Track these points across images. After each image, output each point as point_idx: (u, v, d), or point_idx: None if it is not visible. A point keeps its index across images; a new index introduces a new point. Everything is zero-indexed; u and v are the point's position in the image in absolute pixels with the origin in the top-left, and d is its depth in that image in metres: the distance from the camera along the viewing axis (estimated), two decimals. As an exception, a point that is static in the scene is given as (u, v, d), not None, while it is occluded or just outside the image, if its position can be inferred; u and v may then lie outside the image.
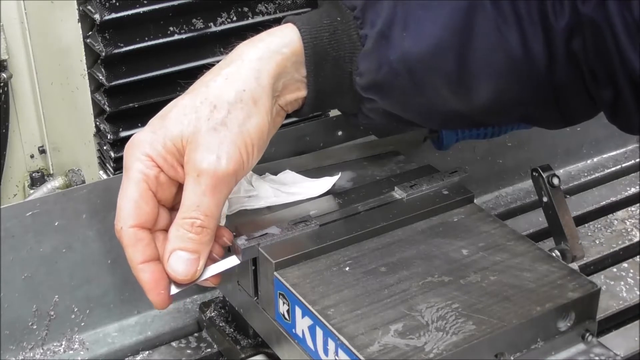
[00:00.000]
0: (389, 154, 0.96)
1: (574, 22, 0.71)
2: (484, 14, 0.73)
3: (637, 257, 1.05)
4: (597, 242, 1.09)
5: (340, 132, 0.99)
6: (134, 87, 0.99)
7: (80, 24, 0.97)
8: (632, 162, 1.28)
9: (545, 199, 0.90)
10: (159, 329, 0.95)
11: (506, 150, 1.18)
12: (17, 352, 0.89)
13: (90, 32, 0.97)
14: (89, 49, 0.98)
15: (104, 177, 1.05)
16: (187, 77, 0.87)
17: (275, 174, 0.90)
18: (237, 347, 0.89)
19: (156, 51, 0.98)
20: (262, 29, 0.79)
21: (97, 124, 1.03)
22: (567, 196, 1.18)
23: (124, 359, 0.93)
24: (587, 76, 0.73)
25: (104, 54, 0.96)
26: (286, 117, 0.82)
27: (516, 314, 0.71)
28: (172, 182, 0.75)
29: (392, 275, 0.76)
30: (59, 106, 1.08)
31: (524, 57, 0.73)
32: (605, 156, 1.29)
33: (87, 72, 1.00)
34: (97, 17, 0.94)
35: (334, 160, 0.95)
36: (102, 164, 1.06)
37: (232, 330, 0.91)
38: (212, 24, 1.00)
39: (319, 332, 0.72)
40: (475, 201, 0.87)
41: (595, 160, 1.28)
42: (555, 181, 0.89)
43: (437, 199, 0.86)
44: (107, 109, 0.99)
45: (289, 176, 0.90)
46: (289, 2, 1.05)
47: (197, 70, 0.81)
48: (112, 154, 1.01)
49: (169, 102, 0.76)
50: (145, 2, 0.96)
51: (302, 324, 0.75)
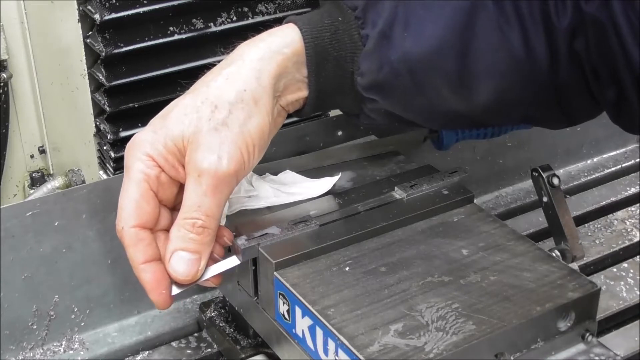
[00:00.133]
0: (389, 154, 0.96)
1: (577, 21, 0.71)
2: (485, 13, 0.73)
3: (637, 257, 1.05)
4: (597, 242, 1.09)
5: (340, 132, 0.99)
6: (134, 87, 0.99)
7: (80, 24, 0.97)
8: (632, 162, 1.28)
9: (545, 199, 0.90)
10: (159, 329, 0.95)
11: (506, 150, 1.18)
12: (17, 352, 0.89)
13: (90, 32, 0.97)
14: (89, 49, 0.98)
15: (104, 177, 1.05)
16: (187, 77, 0.87)
17: (275, 174, 0.90)
18: (237, 347, 0.89)
19: (156, 51, 0.98)
20: (263, 29, 0.79)
21: (97, 124, 1.03)
22: (567, 196, 1.18)
23: (124, 359, 0.93)
24: (590, 76, 0.73)
25: (104, 54, 0.95)
26: (287, 117, 0.82)
27: (516, 314, 0.71)
28: (173, 182, 0.75)
29: (392, 275, 0.76)
30: (59, 106, 1.08)
31: (526, 57, 0.73)
32: (605, 156, 1.29)
33: (87, 72, 1.00)
34: (97, 17, 0.94)
35: (334, 160, 0.95)
36: (102, 164, 1.06)
37: (232, 330, 0.91)
38: (212, 24, 1.00)
39: (319, 332, 0.72)
40: (475, 201, 0.87)
41: (595, 160, 1.28)
42: (555, 181, 0.89)
43: (437, 199, 0.86)
44: (107, 109, 0.99)
45: (289, 176, 0.90)
46: (289, 2, 1.05)
47: (197, 70, 0.81)
48: (112, 154, 1.01)
49: (169, 102, 0.76)
50: (145, 2, 0.96)
51: (302, 324, 0.75)
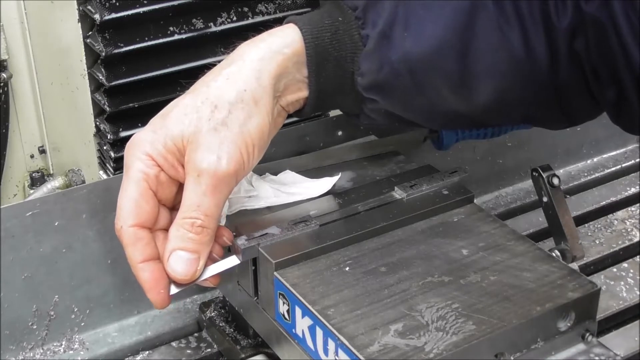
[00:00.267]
0: (389, 154, 0.96)
1: (577, 21, 0.71)
2: (485, 13, 0.73)
3: (637, 257, 1.05)
4: (597, 242, 1.09)
5: (340, 132, 0.99)
6: (134, 87, 0.99)
7: (80, 24, 0.97)
8: (632, 162, 1.28)
9: (545, 199, 0.90)
10: (159, 329, 0.95)
11: (506, 150, 1.18)
12: (17, 352, 0.89)
13: (90, 32, 0.97)
14: (89, 49, 0.98)
15: (104, 177, 1.05)
16: (187, 77, 0.87)
17: (275, 174, 0.90)
18: (237, 347, 0.89)
19: (156, 51, 0.98)
20: (263, 29, 0.79)
21: (97, 124, 1.03)
22: (567, 196, 1.18)
23: (124, 359, 0.93)
24: (590, 76, 0.73)
25: (104, 54, 0.95)
26: (287, 117, 0.82)
27: (516, 314, 0.71)
28: (172, 181, 0.75)
29: (392, 275, 0.76)
30: (59, 106, 1.08)
31: (526, 57, 0.73)
32: (605, 156, 1.29)
33: (87, 72, 1.00)
34: (97, 17, 0.94)
35: (334, 160, 0.95)
36: (102, 164, 1.06)
37: (232, 330, 0.91)
38: (212, 24, 1.00)
39: (319, 332, 0.72)
40: (475, 201, 0.87)
41: (595, 160, 1.28)
42: (555, 181, 0.89)
43: (437, 199, 0.86)
44: (107, 109, 0.99)
45: (289, 176, 0.90)
46: (289, 2, 1.05)
47: (197, 70, 0.81)
48: (112, 154, 1.01)
49: (169, 102, 0.76)
50: (145, 2, 0.96)
51: (302, 324, 0.75)
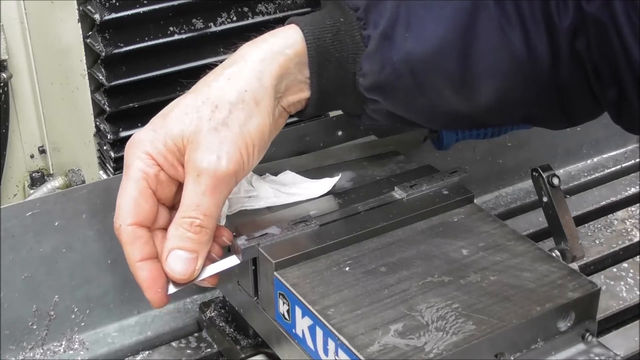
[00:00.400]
0: (389, 154, 0.96)
1: (578, 21, 0.71)
2: (487, 14, 0.73)
3: (637, 257, 1.05)
4: (597, 242, 1.09)
5: (340, 132, 0.99)
6: (134, 87, 0.99)
7: (80, 24, 0.97)
8: (632, 162, 1.28)
9: (545, 199, 0.90)
10: (159, 329, 0.95)
11: (506, 150, 1.18)
12: (17, 352, 0.89)
13: (90, 32, 0.97)
14: (89, 49, 0.98)
15: (104, 177, 1.05)
16: (187, 77, 0.87)
17: (275, 174, 0.90)
18: (237, 347, 0.89)
19: (156, 51, 0.98)
20: (265, 29, 0.79)
21: (97, 124, 1.03)
22: (567, 196, 1.18)
23: (124, 359, 0.93)
24: (591, 76, 0.73)
25: (104, 54, 0.95)
26: (288, 117, 0.82)
27: (516, 314, 0.71)
28: (172, 180, 0.75)
29: (392, 275, 0.76)
30: (59, 106, 1.08)
31: (528, 57, 0.73)
32: (605, 156, 1.29)
33: (87, 72, 1.00)
34: (97, 17, 0.94)
35: (334, 160, 0.95)
36: (102, 164, 1.06)
37: (232, 330, 0.91)
38: (212, 24, 1.00)
39: (319, 332, 0.72)
40: (475, 201, 0.87)
41: (595, 160, 1.28)
42: (555, 181, 0.89)
43: (437, 199, 0.86)
44: (107, 109, 0.99)
45: (289, 177, 0.90)
46: (289, 2, 1.05)
47: (197, 70, 0.81)
48: (112, 154, 1.01)
49: (169, 102, 0.76)
50: (145, 2, 0.96)
51: (302, 324, 0.75)
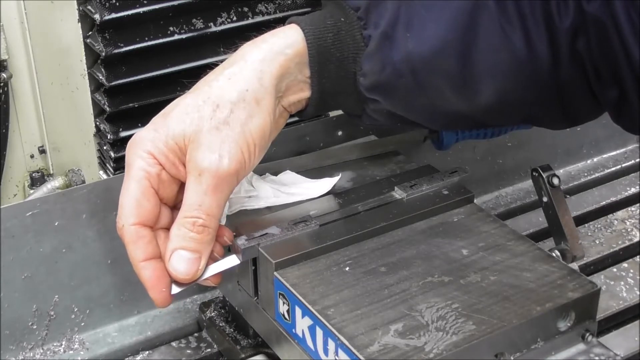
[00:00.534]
0: (389, 154, 0.96)
1: (579, 21, 0.70)
2: (487, 14, 0.73)
3: (637, 257, 1.05)
4: (597, 242, 1.09)
5: (340, 132, 0.99)
6: (134, 87, 0.99)
7: (80, 24, 0.97)
8: (632, 162, 1.28)
9: (545, 199, 0.90)
10: (159, 329, 0.95)
11: (506, 150, 1.18)
12: (17, 352, 0.89)
13: (90, 32, 0.97)
14: (89, 49, 0.98)
15: (104, 177, 1.05)
16: (187, 77, 0.87)
17: (275, 174, 0.90)
18: (237, 347, 0.89)
19: (156, 51, 0.98)
20: (265, 29, 0.79)
21: (97, 124, 1.03)
22: (567, 196, 1.18)
23: (124, 359, 0.93)
24: (592, 76, 0.73)
25: (104, 54, 0.95)
26: (289, 117, 0.82)
27: (516, 314, 0.71)
28: (173, 180, 0.75)
29: (392, 275, 0.76)
30: (59, 106, 1.08)
31: (528, 57, 0.73)
32: (605, 156, 1.29)
33: (87, 72, 1.00)
34: (97, 17, 0.94)
35: (334, 160, 0.95)
36: (102, 164, 1.06)
37: (232, 330, 0.91)
38: (212, 24, 1.00)
39: (319, 332, 0.72)
40: (475, 201, 0.87)
41: (595, 160, 1.28)
42: (555, 181, 0.89)
43: (437, 199, 0.86)
44: (107, 109, 0.99)
45: (289, 177, 0.90)
46: (289, 2, 1.05)
47: (197, 70, 0.81)
48: (112, 154, 1.01)
49: (169, 102, 0.76)
50: (145, 2, 0.96)
51: (302, 324, 0.75)
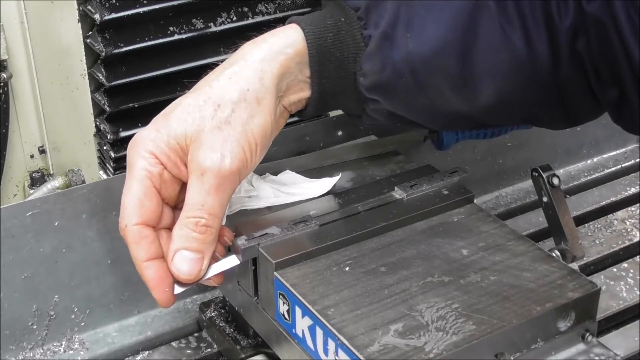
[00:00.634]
0: (389, 154, 0.96)
1: (579, 21, 0.70)
2: (487, 14, 0.73)
3: (637, 257, 1.05)
4: (597, 242, 1.09)
5: (340, 132, 0.99)
6: (134, 87, 0.99)
7: (80, 24, 0.97)
8: (632, 162, 1.28)
9: (545, 199, 0.90)
10: (159, 329, 0.95)
11: (506, 150, 1.18)
12: (17, 352, 0.89)
13: (90, 32, 0.97)
14: (89, 49, 0.98)
15: (104, 177, 1.05)
16: (187, 77, 0.87)
17: (275, 174, 0.90)
18: (237, 347, 0.89)
19: (156, 51, 0.98)
20: (265, 29, 0.79)
21: (97, 124, 1.03)
22: (567, 196, 1.18)
23: (124, 359, 0.93)
24: (592, 76, 0.73)
25: (104, 54, 0.95)
26: (289, 116, 0.82)
27: (516, 314, 0.71)
28: (175, 180, 0.75)
29: (392, 275, 0.76)
30: (59, 106, 1.08)
31: (528, 57, 0.73)
32: (605, 156, 1.29)
33: (87, 72, 1.00)
34: (97, 17, 0.94)
35: (334, 160, 0.95)
36: (102, 164, 1.06)
37: (232, 330, 0.91)
38: (212, 24, 1.00)
39: (319, 332, 0.72)
40: (475, 201, 0.87)
41: (595, 160, 1.28)
42: (555, 181, 0.89)
43: (437, 199, 0.86)
44: (107, 109, 0.99)
45: (289, 176, 0.90)
46: (289, 2, 1.05)
47: (197, 70, 0.81)
48: (112, 154, 1.01)
49: (169, 102, 0.76)
50: (145, 2, 0.96)
51: (302, 324, 0.75)
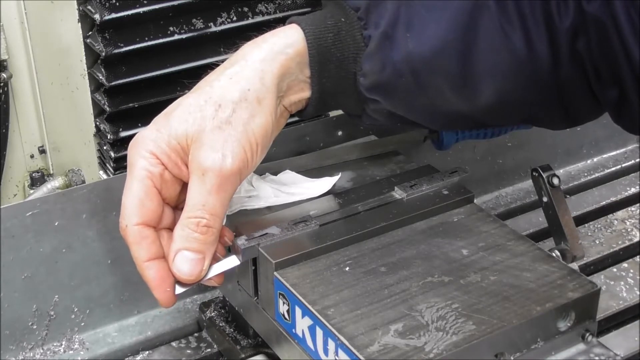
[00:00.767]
0: (389, 154, 0.96)
1: (579, 21, 0.70)
2: (488, 14, 0.73)
3: (637, 257, 1.05)
4: (597, 242, 1.09)
5: (340, 132, 0.99)
6: (134, 87, 0.99)
7: (80, 24, 0.97)
8: (632, 162, 1.28)
9: (545, 199, 0.90)
10: (159, 329, 0.95)
11: (506, 150, 1.18)
12: (17, 352, 0.89)
13: (90, 32, 0.97)
14: (89, 49, 0.98)
15: (104, 177, 1.05)
16: (187, 77, 0.87)
17: (275, 174, 0.90)
18: (237, 347, 0.89)
19: (156, 51, 0.98)
20: (265, 29, 0.79)
21: (97, 124, 1.03)
22: (567, 196, 1.18)
23: (124, 359, 0.93)
24: (592, 76, 0.73)
25: (104, 54, 0.95)
26: (289, 116, 0.82)
27: (516, 314, 0.71)
28: (176, 180, 0.75)
29: (392, 275, 0.76)
30: (59, 106, 1.08)
31: (528, 57, 0.73)
32: (605, 156, 1.29)
33: (87, 72, 1.00)
34: (97, 17, 0.94)
35: (334, 160, 0.95)
36: (102, 164, 1.06)
37: (232, 330, 0.91)
38: (212, 24, 1.00)
39: (319, 332, 0.72)
40: (475, 201, 0.87)
41: (595, 160, 1.28)
42: (555, 181, 0.89)
43: (437, 199, 0.86)
44: (107, 109, 0.99)
45: (289, 176, 0.90)
46: (289, 2, 1.05)
47: (197, 70, 0.81)
48: (112, 154, 1.01)
49: (169, 102, 0.77)
50: (145, 2, 0.96)
51: (302, 324, 0.75)
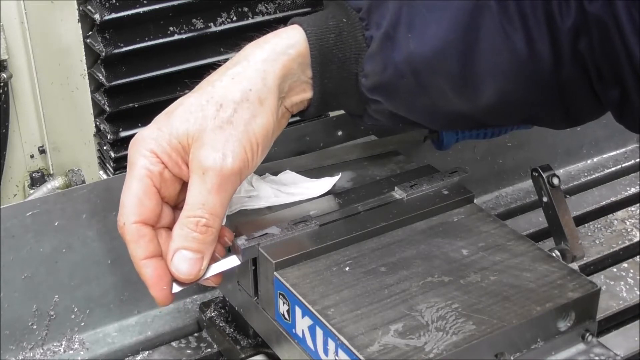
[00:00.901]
0: (389, 154, 0.96)
1: (580, 21, 0.70)
2: (489, 14, 0.73)
3: (637, 257, 1.05)
4: (597, 242, 1.09)
5: (340, 132, 0.99)
6: (134, 87, 0.99)
7: (80, 24, 0.97)
8: (632, 162, 1.28)
9: (545, 199, 0.90)
10: (159, 329, 0.95)
11: (506, 150, 1.18)
12: (17, 352, 0.89)
13: (90, 32, 0.97)
14: (89, 49, 0.98)
15: (104, 177, 1.05)
16: (187, 77, 0.87)
17: (275, 174, 0.90)
18: (237, 347, 0.89)
19: (156, 51, 0.98)
20: (265, 29, 0.79)
21: (97, 124, 1.03)
22: (567, 196, 1.18)
23: (124, 359, 0.93)
24: (593, 76, 0.73)
25: (104, 54, 0.95)
26: (290, 117, 0.82)
27: (516, 314, 0.71)
28: (176, 179, 0.75)
29: (392, 275, 0.76)
30: (59, 106, 1.08)
31: (530, 57, 0.73)
32: (605, 156, 1.29)
33: (87, 72, 1.00)
34: (97, 17, 0.94)
35: (334, 160, 0.95)
36: (102, 164, 1.06)
37: (232, 330, 0.91)
38: (212, 24, 1.00)
39: (319, 332, 0.72)
40: (475, 201, 0.87)
41: (595, 160, 1.28)
42: (555, 181, 0.89)
43: (437, 199, 0.86)
44: (107, 109, 0.99)
45: (289, 176, 0.90)
46: (289, 2, 1.05)
47: (198, 70, 0.81)
48: (112, 154, 1.01)
49: (169, 102, 0.77)
50: (145, 2, 0.96)
51: (302, 324, 0.75)
